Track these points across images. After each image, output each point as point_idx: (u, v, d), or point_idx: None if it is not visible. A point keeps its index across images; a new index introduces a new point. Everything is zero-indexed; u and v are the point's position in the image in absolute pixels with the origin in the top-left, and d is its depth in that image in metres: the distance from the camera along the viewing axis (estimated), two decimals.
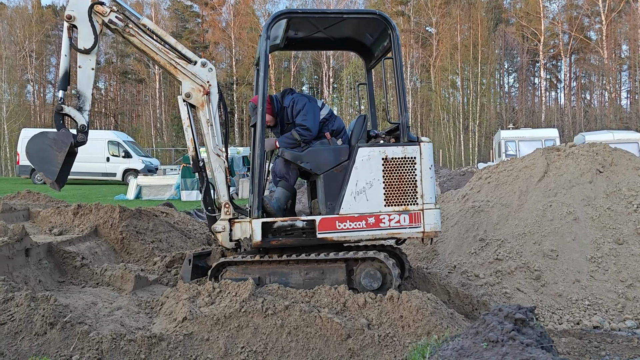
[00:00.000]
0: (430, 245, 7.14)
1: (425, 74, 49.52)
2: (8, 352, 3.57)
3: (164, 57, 5.19)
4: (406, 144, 5.08)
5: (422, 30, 49.96)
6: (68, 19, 5.06)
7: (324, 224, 4.94)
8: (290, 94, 5.61)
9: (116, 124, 55.73)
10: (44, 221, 6.82)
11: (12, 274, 4.66)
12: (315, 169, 5.14)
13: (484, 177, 8.09)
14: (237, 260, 5.02)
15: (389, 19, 5.24)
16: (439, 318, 4.09)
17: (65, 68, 5.12)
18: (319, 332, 3.98)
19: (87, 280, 5.41)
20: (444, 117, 45.74)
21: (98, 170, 27.16)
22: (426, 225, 4.99)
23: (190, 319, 3.96)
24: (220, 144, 5.26)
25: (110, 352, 3.64)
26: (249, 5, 52.15)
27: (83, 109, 5.18)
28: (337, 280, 4.86)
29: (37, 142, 5.04)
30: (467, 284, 6.09)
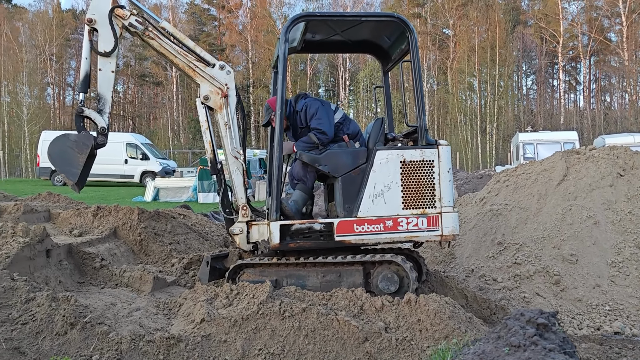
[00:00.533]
0: (447, 249, 7.10)
1: (442, 76, 49.26)
2: (30, 351, 3.63)
3: (183, 59, 5.22)
4: (424, 147, 5.07)
5: (439, 32, 49.74)
6: (89, 22, 5.11)
7: (342, 227, 4.95)
8: (303, 98, 5.63)
9: (134, 127, 56.32)
10: (64, 222, 6.91)
11: (34, 274, 4.72)
12: (333, 171, 5.14)
13: (502, 180, 8.03)
14: (254, 263, 5.04)
15: (408, 22, 5.23)
16: (457, 322, 4.07)
17: (85, 71, 5.18)
18: (336, 335, 3.97)
19: (106, 281, 5.47)
20: (461, 119, 45.44)
21: (116, 172, 27.46)
22: (444, 229, 4.97)
23: (208, 320, 3.99)
24: (238, 146, 5.28)
25: (130, 353, 3.67)
26: (265, 8, 52.38)
27: (103, 111, 5.22)
28: (354, 283, 4.86)
29: (59, 144, 5.10)
30: (485, 288, 6.04)
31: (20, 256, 4.66)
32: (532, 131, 25.33)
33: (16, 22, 53.07)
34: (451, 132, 46.51)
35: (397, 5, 52.19)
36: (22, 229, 5.00)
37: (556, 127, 42.66)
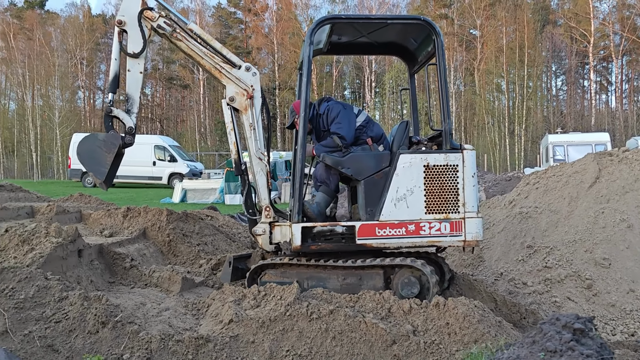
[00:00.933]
0: (475, 252, 7.02)
1: (469, 78, 48.75)
2: (63, 349, 3.69)
3: (210, 61, 5.27)
4: (449, 151, 5.01)
5: (466, 33, 49.25)
6: (119, 24, 5.21)
7: (363, 230, 4.93)
8: (326, 102, 5.63)
9: (162, 129, 57.09)
10: (95, 223, 7.04)
11: (66, 273, 4.82)
12: (355, 174, 5.13)
13: (532, 183, 7.90)
14: (275, 263, 5.07)
15: (434, 25, 5.20)
16: (487, 326, 4.01)
17: (115, 72, 5.26)
18: (363, 337, 3.95)
19: (136, 281, 5.55)
20: (489, 121, 44.88)
21: (145, 174, 27.88)
22: (467, 234, 4.92)
23: (236, 321, 4.01)
24: (263, 147, 5.30)
25: (159, 352, 3.71)
26: (291, 10, 52.60)
27: (131, 111, 5.31)
28: (375, 286, 4.84)
29: (87, 144, 5.20)
30: (515, 291, 5.95)
31: (53, 256, 4.76)
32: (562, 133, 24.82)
33: (48, 27, 54.36)
34: (478, 134, 45.98)
35: (423, 7, 51.92)
36: (55, 230, 5.11)
37: (587, 128, 41.80)
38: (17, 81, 51.35)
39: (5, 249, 4.95)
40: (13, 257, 4.79)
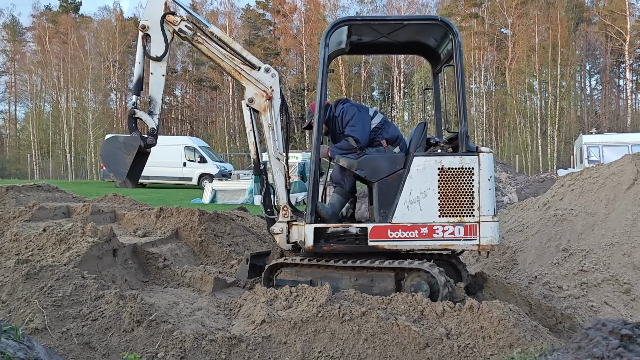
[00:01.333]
0: (508, 255, 6.91)
1: (500, 77, 48.05)
2: (99, 346, 3.76)
3: (229, 63, 5.35)
4: (464, 154, 4.93)
5: (496, 32, 48.57)
6: (142, 29, 5.35)
7: (375, 232, 4.92)
8: (342, 103, 5.64)
9: (191, 130, 57.81)
10: (129, 223, 7.15)
11: (101, 272, 4.91)
12: (369, 176, 5.14)
13: (567, 185, 7.73)
14: (289, 262, 5.14)
15: (451, 25, 5.14)
16: (522, 330, 3.93)
17: (139, 75, 5.40)
18: (396, 340, 3.92)
19: (169, 281, 5.61)
20: (520, 121, 44.15)
21: (175, 175, 28.28)
22: (482, 238, 4.84)
23: (269, 322, 4.02)
24: (281, 148, 5.35)
25: (193, 351, 3.74)
26: (319, 11, 52.68)
27: (153, 113, 5.43)
28: (386, 288, 4.84)
29: (108, 146, 5.39)
30: (550, 295, 5.83)
31: (89, 255, 4.85)
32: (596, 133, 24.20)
33: (82, 31, 55.60)
34: (510, 134, 45.29)
35: (453, 6, 51.42)
36: (91, 229, 5.21)
37: (622, 128, 40.77)
38: (52, 84, 52.68)
39: (43, 247, 5.07)
40: (51, 255, 4.89)
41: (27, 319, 3.81)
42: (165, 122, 62.58)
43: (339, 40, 5.67)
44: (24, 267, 4.17)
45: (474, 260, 7.29)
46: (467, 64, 47.83)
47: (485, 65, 47.25)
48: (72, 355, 3.66)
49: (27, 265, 4.19)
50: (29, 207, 6.49)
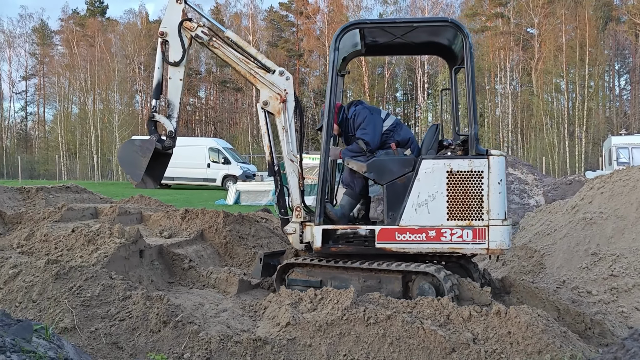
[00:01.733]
0: (536, 258, 6.80)
1: (526, 78, 47.43)
2: (127, 346, 3.80)
3: (245, 67, 5.44)
4: (473, 157, 4.88)
5: (522, 31, 47.95)
6: (161, 35, 5.50)
7: (383, 234, 4.94)
8: (355, 106, 5.67)
9: (215, 131, 58.31)
10: (155, 224, 7.23)
11: (128, 273, 4.97)
12: (378, 179, 5.14)
13: (596, 187, 7.57)
14: (300, 263, 5.22)
15: (462, 27, 5.11)
16: (551, 336, 3.86)
17: (158, 79, 5.54)
18: (421, 344, 3.88)
19: (194, 282, 5.66)
20: (547, 122, 43.51)
21: (199, 176, 28.56)
22: (491, 242, 4.78)
23: (293, 324, 4.02)
24: (295, 150, 5.42)
25: (218, 352, 3.76)
26: (342, 12, 52.66)
27: (172, 116, 5.55)
28: (393, 290, 4.85)
29: (125, 149, 5.53)
30: (578, 300, 5.72)
31: (117, 256, 4.92)
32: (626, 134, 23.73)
33: (108, 34, 56.55)
34: (536, 136, 44.66)
35: (478, 6, 50.93)
36: (118, 230, 5.28)
37: None
38: (80, 86, 53.70)
39: (72, 248, 5.16)
40: (80, 256, 4.98)
41: (56, 319, 3.87)
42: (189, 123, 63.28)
43: (354, 42, 5.69)
44: (54, 267, 4.24)
45: (500, 264, 7.20)
46: (493, 64, 47.35)
47: (511, 66, 46.67)
48: (101, 354, 3.71)
49: (57, 266, 4.26)
50: (58, 208, 6.61)
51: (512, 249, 7.31)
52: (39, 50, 63.69)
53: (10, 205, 6.94)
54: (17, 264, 4.36)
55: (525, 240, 7.47)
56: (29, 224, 6.30)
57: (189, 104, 64.24)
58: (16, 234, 5.89)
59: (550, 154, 41.70)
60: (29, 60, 64.27)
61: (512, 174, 16.00)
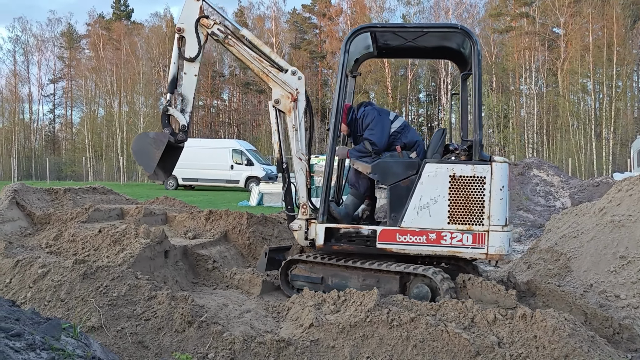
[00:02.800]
0: (562, 262, 6.69)
1: (552, 78, 46.73)
2: (152, 345, 3.85)
3: (258, 65, 5.55)
4: (477, 162, 4.95)
5: (548, 31, 47.27)
6: (178, 31, 5.62)
7: (384, 235, 5.04)
8: (364, 107, 5.73)
9: (238, 133, 58.69)
10: (179, 225, 7.31)
11: (154, 273, 5.03)
12: (382, 180, 5.27)
13: (625, 189, 7.42)
14: (303, 259, 5.39)
15: (471, 33, 5.15)
16: (578, 341, 3.80)
17: (173, 74, 5.67)
18: (445, 347, 3.85)
19: (218, 283, 5.70)
20: (573, 123, 42.80)
21: (223, 177, 28.77)
22: (490, 247, 4.86)
23: (317, 325, 4.02)
24: (304, 148, 5.53)
25: (242, 353, 3.78)
26: (365, 14, 52.59)
27: (185, 110, 5.71)
28: (391, 290, 4.94)
29: (139, 141, 5.72)
30: (606, 304, 5.60)
31: (142, 256, 4.99)
32: None
33: (134, 37, 57.35)
34: (562, 137, 43.97)
35: (502, 6, 50.36)
36: (143, 231, 5.36)
37: None
38: (106, 89, 54.59)
39: (99, 248, 5.25)
40: (106, 256, 5.06)
41: (84, 318, 3.94)
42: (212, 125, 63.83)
43: (366, 44, 5.77)
44: (81, 267, 4.31)
45: (526, 266, 7.10)
46: (517, 64, 46.77)
47: (536, 66, 46.03)
48: (127, 353, 3.76)
49: (84, 266, 4.33)
50: (85, 208, 6.73)
51: (537, 251, 7.22)
52: (67, 53, 64.94)
53: (39, 206, 7.08)
54: (46, 264, 4.45)
55: (551, 243, 7.35)
56: (57, 224, 6.42)
57: (212, 105, 64.81)
58: (45, 234, 6.01)
59: (577, 156, 41.01)
60: (57, 64, 65.63)
61: (538, 176, 15.78)
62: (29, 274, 4.41)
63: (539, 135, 46.76)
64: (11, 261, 4.64)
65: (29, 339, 2.36)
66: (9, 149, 57.22)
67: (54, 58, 64.98)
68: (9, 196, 6.65)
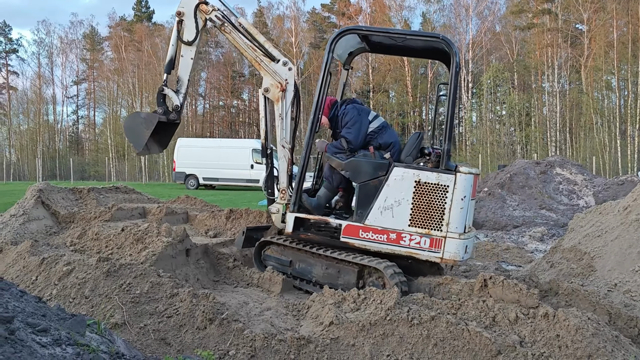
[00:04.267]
0: (585, 261, 6.60)
1: (575, 75, 46.03)
2: (174, 342, 3.90)
3: (252, 53, 5.75)
4: (442, 171, 5.09)
5: (571, 28, 46.57)
6: (178, 15, 5.85)
7: (348, 230, 5.30)
8: (346, 105, 5.87)
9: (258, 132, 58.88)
10: (200, 224, 7.38)
11: (175, 271, 5.09)
12: (353, 178, 5.50)
13: None
14: (275, 242, 5.75)
15: (451, 44, 5.20)
16: (602, 340, 3.74)
17: (171, 56, 5.91)
18: (466, 346, 3.83)
19: (239, 281, 5.74)
20: (597, 121, 42.11)
21: (243, 177, 28.94)
22: (446, 253, 5.06)
23: (337, 323, 4.03)
24: (288, 137, 5.74)
25: (263, 350, 3.81)
26: (385, 13, 52.40)
27: (179, 91, 5.96)
28: (349, 281, 5.21)
29: (131, 121, 5.97)
30: (631, 304, 5.51)
31: (164, 254, 5.05)
32: None
33: (155, 38, 57.94)
34: (586, 135, 43.28)
35: (524, 2, 49.76)
36: (165, 230, 5.42)
37: None
38: (128, 90, 55.28)
39: (122, 246, 5.33)
40: (129, 254, 5.14)
41: (107, 314, 4.00)
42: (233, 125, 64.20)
43: (358, 40, 5.92)
44: (105, 264, 4.39)
45: (548, 266, 7.02)
46: (540, 62, 46.19)
47: (559, 63, 45.39)
48: (149, 350, 3.81)
49: (108, 263, 4.40)
50: (109, 207, 6.83)
51: (560, 250, 7.14)
52: (90, 55, 65.90)
53: (64, 205, 7.20)
54: (71, 261, 4.53)
55: (575, 242, 7.25)
56: (81, 223, 6.53)
57: (232, 106, 65.20)
58: (69, 233, 6.12)
59: (601, 154, 40.34)
60: (80, 66, 66.65)
61: (561, 174, 15.57)
62: (54, 272, 4.50)
63: (562, 133, 46.12)
64: (37, 259, 4.74)
65: (55, 335, 2.41)
66: (34, 150, 58.29)
67: (77, 60, 66.04)
68: (35, 195, 6.78)
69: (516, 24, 50.68)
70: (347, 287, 5.06)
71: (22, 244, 5.30)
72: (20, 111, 62.50)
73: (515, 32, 50.48)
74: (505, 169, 16.81)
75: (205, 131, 62.34)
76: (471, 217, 5.41)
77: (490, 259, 8.34)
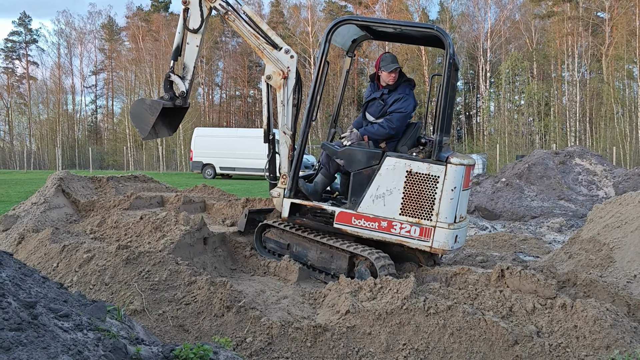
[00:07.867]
0: (605, 252, 6.52)
1: (596, 64, 45.29)
2: (192, 329, 3.95)
3: (255, 41, 5.82)
4: (433, 162, 5.15)
5: (592, 16, 45.76)
6: (184, 3, 5.93)
7: (341, 217, 5.41)
8: (410, 88, 5.80)
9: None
10: (218, 213, 7.42)
11: (193, 259, 5.14)
12: (347, 166, 5.58)
13: None
14: (275, 225, 5.84)
15: (446, 35, 5.20)
16: (621, 331, 3.72)
17: (177, 43, 6.06)
18: (483, 336, 3.83)
19: (255, 270, 5.77)
20: (618, 110, 41.41)
21: (260, 167, 28.95)
22: (435, 242, 5.15)
23: (353, 312, 4.05)
24: (290, 124, 5.83)
25: (280, 338, 3.84)
26: (402, 1, 51.92)
27: (185, 78, 6.08)
28: (341, 267, 5.36)
29: (137, 106, 6.07)
30: None
31: (182, 242, 5.10)
32: None
33: (172, 29, 58.07)
34: (606, 125, 42.63)
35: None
36: (183, 218, 5.47)
37: None
38: (145, 79, 55.61)
39: (140, 234, 5.39)
40: (147, 242, 5.19)
41: (127, 301, 4.06)
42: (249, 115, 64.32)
43: (358, 28, 6.00)
44: (124, 252, 4.45)
45: (567, 257, 6.95)
46: (560, 51, 45.50)
47: (579, 52, 44.68)
48: (168, 336, 3.87)
49: (127, 251, 4.46)
50: (127, 196, 6.90)
51: (579, 241, 7.07)
52: (108, 46, 66.39)
53: (84, 194, 7.29)
54: (91, 249, 4.60)
55: (594, 233, 7.17)
56: (101, 211, 6.61)
57: (249, 95, 65.30)
58: (89, 221, 6.20)
59: (622, 144, 39.72)
60: (98, 56, 67.20)
61: (580, 165, 15.38)
62: (74, 259, 4.57)
63: (582, 123, 45.48)
64: (58, 246, 4.81)
65: (77, 320, 2.45)
66: (54, 139, 59.04)
67: (95, 50, 66.59)
68: (55, 184, 6.87)
69: (536, 12, 49.92)
70: (339, 272, 5.28)
71: (43, 232, 5.39)
72: (40, 101, 63.33)
73: (535, 20, 49.74)
74: (523, 159, 16.65)
75: (222, 121, 62.57)
76: (464, 207, 5.51)
77: (507, 250, 8.29)
